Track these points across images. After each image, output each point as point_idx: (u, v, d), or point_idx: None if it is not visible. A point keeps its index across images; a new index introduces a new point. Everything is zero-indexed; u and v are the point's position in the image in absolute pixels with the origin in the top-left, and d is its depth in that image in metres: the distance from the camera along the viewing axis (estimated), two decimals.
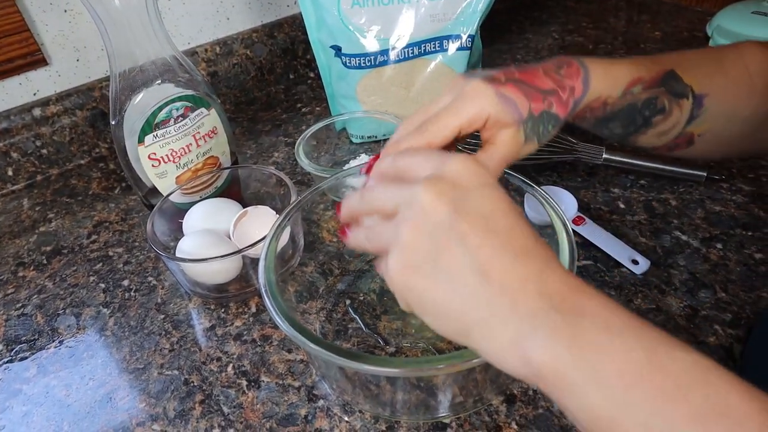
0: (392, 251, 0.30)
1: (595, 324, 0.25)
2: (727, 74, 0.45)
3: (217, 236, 0.51)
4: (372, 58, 0.63)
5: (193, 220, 0.54)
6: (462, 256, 0.27)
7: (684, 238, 0.52)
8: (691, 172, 0.58)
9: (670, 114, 0.44)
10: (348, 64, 0.64)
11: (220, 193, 0.59)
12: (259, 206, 0.53)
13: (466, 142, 0.62)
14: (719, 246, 0.51)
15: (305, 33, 0.66)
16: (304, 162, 0.57)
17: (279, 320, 0.37)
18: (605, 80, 0.42)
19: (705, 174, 0.58)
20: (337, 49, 0.64)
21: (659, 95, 0.43)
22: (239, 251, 0.47)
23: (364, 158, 0.65)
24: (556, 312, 0.26)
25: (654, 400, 0.23)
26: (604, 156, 0.60)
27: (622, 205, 0.57)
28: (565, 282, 0.27)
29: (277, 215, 0.46)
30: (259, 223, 0.52)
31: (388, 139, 0.67)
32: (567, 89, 0.40)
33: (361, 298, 0.50)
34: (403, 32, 0.62)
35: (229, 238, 0.52)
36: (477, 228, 0.28)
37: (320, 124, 0.64)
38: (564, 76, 0.40)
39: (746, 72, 0.45)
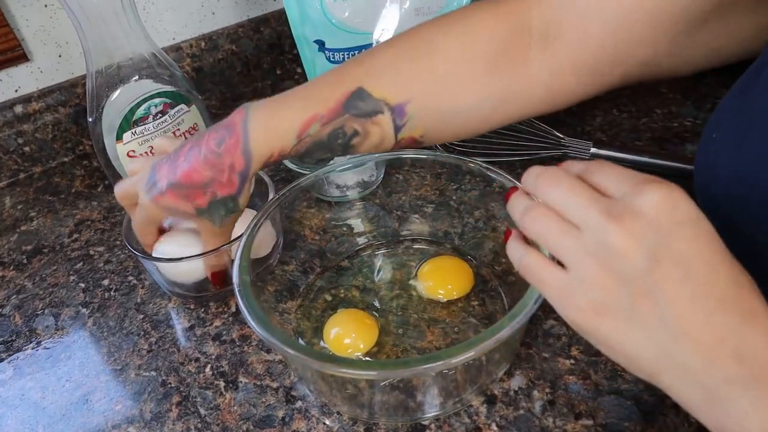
0: (577, 286, 0.28)
1: None
2: (434, 70, 0.41)
3: (196, 235, 0.50)
4: (356, 52, 0.62)
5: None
6: (655, 308, 0.26)
7: None
8: (679, 166, 0.57)
9: (367, 134, 0.41)
10: (332, 59, 0.63)
11: None
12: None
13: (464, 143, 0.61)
14: None
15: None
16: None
17: (252, 322, 0.36)
18: (268, 140, 0.41)
19: (693, 168, 0.57)
20: (321, 44, 0.63)
21: (344, 123, 0.41)
22: (212, 251, 0.46)
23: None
24: (753, 383, 0.24)
25: None
26: (592, 151, 0.59)
27: None
28: (767, 341, 0.25)
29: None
30: (240, 223, 0.51)
31: None
32: (226, 170, 0.41)
33: (342, 295, 0.49)
34: (387, 26, 0.61)
35: None
36: (673, 277, 0.25)
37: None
38: (222, 153, 0.41)
39: (463, 55, 0.41)
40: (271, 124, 0.41)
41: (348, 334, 0.44)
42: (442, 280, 0.48)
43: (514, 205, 0.33)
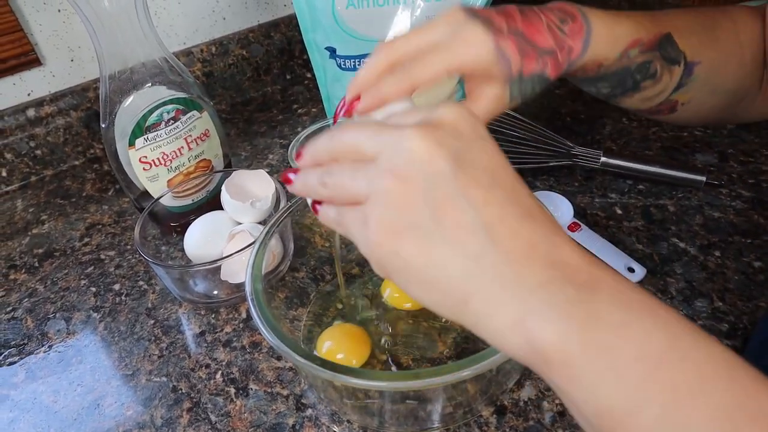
0: (372, 207, 0.25)
1: (612, 302, 0.22)
2: (719, 45, 0.43)
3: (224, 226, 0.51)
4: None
5: (192, 240, 0.53)
6: (464, 213, 0.24)
7: (681, 245, 0.52)
8: (690, 176, 0.57)
9: (659, 80, 0.43)
10: (343, 66, 0.63)
11: (213, 196, 0.58)
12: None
13: None
14: (717, 253, 0.50)
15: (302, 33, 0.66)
16: (296, 165, 0.57)
17: (264, 331, 0.36)
18: (606, 42, 0.39)
19: (704, 179, 0.57)
20: (332, 51, 0.63)
21: (653, 60, 0.41)
22: (223, 258, 0.47)
23: None
24: (569, 284, 0.23)
25: (673, 392, 0.20)
26: (602, 160, 0.59)
27: (619, 211, 0.56)
28: (577, 252, 0.24)
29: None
30: (247, 238, 0.52)
31: None
32: (565, 50, 0.38)
33: (353, 303, 0.49)
34: (398, 33, 0.61)
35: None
36: (481, 182, 0.24)
37: (314, 127, 0.63)
38: (567, 34, 0.38)
39: (737, 43, 0.43)
40: (612, 29, 0.40)
41: (340, 350, 0.44)
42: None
43: (305, 184, 0.30)
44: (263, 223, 0.53)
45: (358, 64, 0.63)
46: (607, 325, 0.22)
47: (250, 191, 0.54)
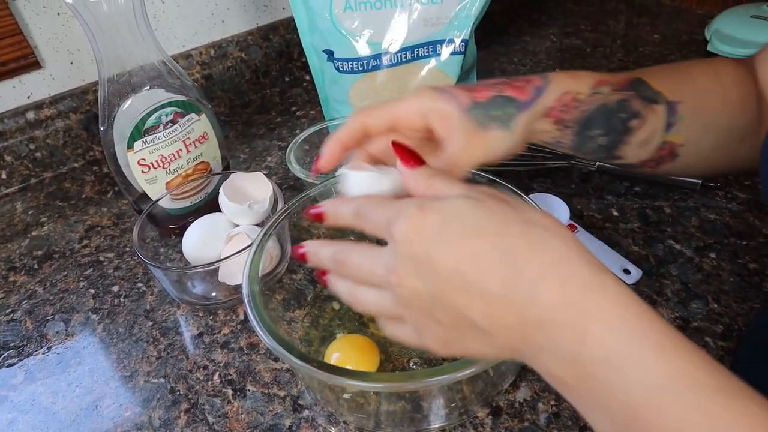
0: (417, 333, 0.31)
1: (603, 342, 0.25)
2: (696, 83, 0.44)
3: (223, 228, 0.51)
4: (365, 62, 0.63)
5: (191, 242, 0.53)
6: (465, 320, 0.28)
7: (677, 247, 0.52)
8: (686, 179, 0.57)
9: (645, 118, 0.43)
10: (341, 69, 0.64)
11: (211, 198, 0.59)
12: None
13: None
14: (713, 255, 0.51)
15: None
16: (295, 168, 0.57)
17: (261, 333, 0.36)
18: (567, 79, 0.41)
19: (700, 181, 0.57)
20: (330, 54, 0.64)
21: (630, 98, 0.42)
22: (221, 260, 0.47)
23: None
24: (557, 347, 0.26)
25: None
26: (599, 163, 0.59)
27: (615, 213, 0.56)
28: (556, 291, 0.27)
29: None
30: (245, 239, 0.52)
31: None
32: (520, 81, 0.40)
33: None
34: (395, 36, 0.62)
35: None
36: (457, 289, 0.28)
37: (312, 129, 0.63)
38: (517, 79, 0.40)
39: (717, 82, 0.44)
40: (570, 73, 0.42)
41: (349, 362, 0.43)
42: None
43: (339, 291, 0.34)
44: (261, 225, 0.54)
45: (356, 67, 0.63)
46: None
47: (248, 193, 0.55)
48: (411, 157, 0.33)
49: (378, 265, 0.30)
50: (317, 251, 0.34)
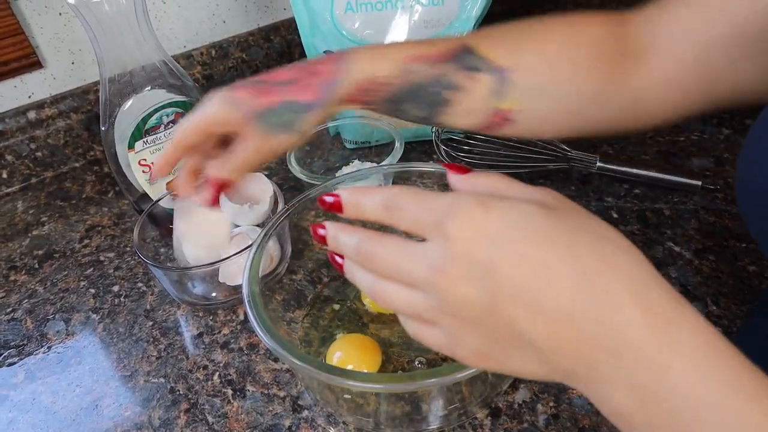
0: (452, 342, 0.28)
1: (677, 394, 0.23)
2: (543, 49, 0.41)
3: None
4: None
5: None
6: (519, 336, 0.25)
7: (677, 249, 0.52)
8: (686, 181, 0.57)
9: (464, 88, 0.41)
10: None
11: None
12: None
13: (450, 143, 0.62)
14: (712, 258, 0.51)
15: None
16: (295, 168, 0.57)
17: (261, 333, 0.36)
18: (372, 60, 0.40)
19: (700, 183, 0.57)
20: None
21: (448, 72, 0.40)
22: (221, 260, 0.47)
23: (356, 164, 0.64)
24: (631, 377, 0.24)
25: None
26: (598, 164, 0.59)
27: (615, 215, 0.56)
28: (640, 326, 0.24)
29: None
30: (245, 239, 0.52)
31: (381, 144, 0.67)
32: (314, 75, 0.39)
33: (348, 305, 0.50)
34: (396, 38, 0.62)
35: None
36: (517, 301, 0.25)
37: (313, 130, 0.63)
38: (314, 63, 0.40)
39: (571, 44, 0.41)
40: (377, 51, 0.41)
41: (351, 361, 0.44)
42: None
43: (358, 281, 0.31)
44: (261, 225, 0.54)
45: None
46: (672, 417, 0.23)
47: (249, 194, 0.55)
48: (459, 167, 0.31)
49: (418, 264, 0.27)
50: (339, 237, 0.31)
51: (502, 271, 0.25)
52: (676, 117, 0.42)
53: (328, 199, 0.31)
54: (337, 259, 0.32)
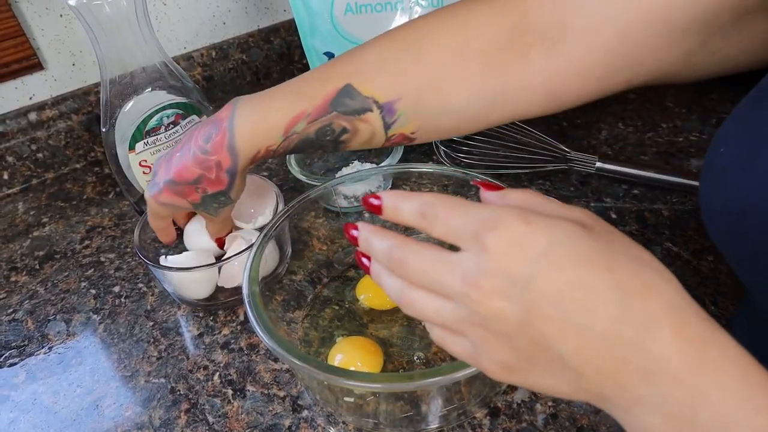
0: (479, 353, 0.28)
1: (710, 427, 0.23)
2: (428, 66, 0.40)
3: (206, 255, 0.52)
4: None
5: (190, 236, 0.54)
6: (551, 352, 0.25)
7: (675, 249, 0.52)
8: (685, 182, 0.58)
9: (356, 131, 0.41)
10: None
11: None
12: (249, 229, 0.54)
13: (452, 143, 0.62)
14: (710, 258, 0.51)
15: None
16: (295, 169, 0.57)
17: (261, 333, 0.37)
18: (254, 137, 0.42)
19: (699, 184, 0.57)
20: (331, 56, 0.64)
21: (332, 120, 0.41)
22: (219, 262, 0.47)
23: (356, 165, 0.64)
24: (664, 402, 0.23)
25: None
26: (597, 165, 0.60)
27: (613, 216, 0.56)
28: (674, 349, 0.23)
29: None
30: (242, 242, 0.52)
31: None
32: (214, 168, 0.43)
33: (348, 306, 0.50)
34: None
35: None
36: (553, 318, 0.24)
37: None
38: (210, 151, 0.42)
39: (454, 55, 0.40)
40: (257, 122, 0.41)
41: (353, 363, 0.44)
42: None
43: (386, 285, 0.30)
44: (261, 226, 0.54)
45: None
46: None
47: (250, 201, 0.54)
48: (492, 185, 0.31)
49: (452, 274, 0.26)
50: (371, 239, 0.30)
51: (540, 288, 0.24)
52: (591, 99, 0.41)
53: (373, 201, 0.30)
54: (364, 261, 0.31)
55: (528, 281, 0.24)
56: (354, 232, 0.31)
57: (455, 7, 0.42)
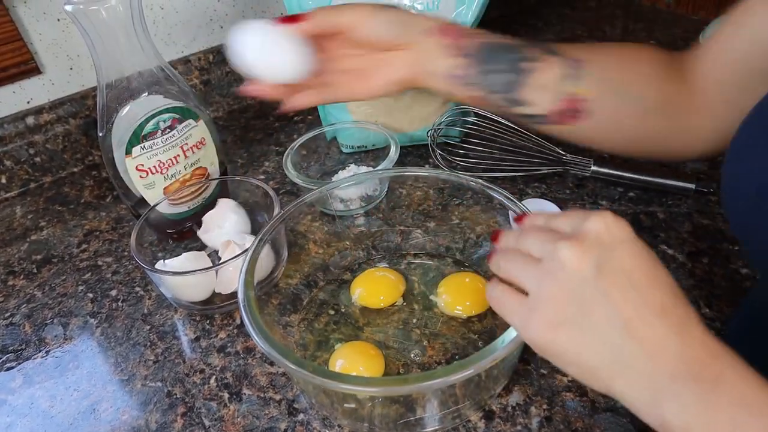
0: (534, 306, 0.31)
1: (733, 400, 0.26)
2: (609, 53, 0.46)
3: (203, 258, 0.52)
4: None
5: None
6: (605, 313, 0.29)
7: (670, 252, 0.52)
8: (679, 184, 0.58)
9: (541, 63, 0.44)
10: None
11: (209, 203, 0.59)
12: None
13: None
14: (705, 260, 0.51)
15: None
16: (292, 173, 0.58)
17: (256, 337, 0.37)
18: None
19: (693, 186, 0.57)
20: None
21: (524, 45, 0.45)
22: (214, 266, 0.48)
23: (353, 168, 0.65)
24: (694, 381, 0.27)
25: None
26: (593, 168, 0.60)
27: None
28: (704, 346, 0.28)
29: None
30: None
31: (377, 149, 0.67)
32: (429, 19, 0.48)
33: (343, 310, 0.50)
34: None
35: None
36: (619, 284, 0.29)
37: (309, 134, 0.64)
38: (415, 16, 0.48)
39: (632, 58, 0.46)
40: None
41: (354, 369, 0.44)
42: (461, 296, 0.48)
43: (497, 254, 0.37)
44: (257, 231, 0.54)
45: None
46: (727, 423, 0.26)
47: (224, 225, 0.56)
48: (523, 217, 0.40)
49: (553, 236, 0.32)
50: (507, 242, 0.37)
51: (617, 256, 0.30)
52: (712, 152, 0.46)
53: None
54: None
55: (611, 251, 0.30)
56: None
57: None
